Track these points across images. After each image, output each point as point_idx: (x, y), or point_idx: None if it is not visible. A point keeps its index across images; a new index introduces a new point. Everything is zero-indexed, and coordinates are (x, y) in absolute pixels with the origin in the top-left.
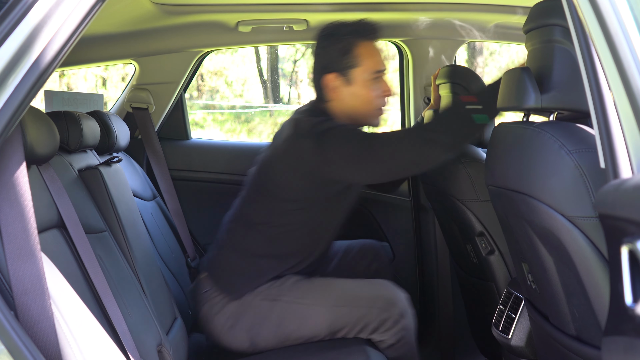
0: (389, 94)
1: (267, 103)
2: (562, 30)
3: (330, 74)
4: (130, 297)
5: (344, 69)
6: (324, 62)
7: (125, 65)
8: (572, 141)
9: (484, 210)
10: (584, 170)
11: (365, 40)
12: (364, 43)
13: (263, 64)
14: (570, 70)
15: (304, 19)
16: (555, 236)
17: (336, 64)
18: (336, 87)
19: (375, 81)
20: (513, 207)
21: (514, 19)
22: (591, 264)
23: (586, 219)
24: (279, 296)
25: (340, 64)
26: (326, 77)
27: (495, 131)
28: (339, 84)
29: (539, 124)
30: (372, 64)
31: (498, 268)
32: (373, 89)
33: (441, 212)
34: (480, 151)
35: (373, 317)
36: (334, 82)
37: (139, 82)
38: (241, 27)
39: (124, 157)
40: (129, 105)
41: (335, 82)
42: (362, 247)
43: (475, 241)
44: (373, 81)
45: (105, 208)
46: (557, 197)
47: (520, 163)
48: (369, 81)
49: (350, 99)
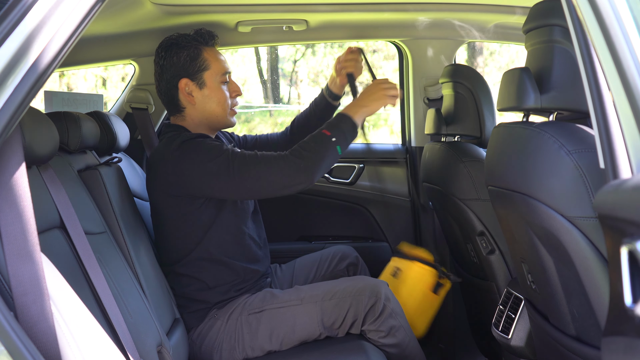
0: (239, 94)
1: (267, 103)
2: (561, 30)
3: (182, 79)
4: (130, 298)
5: (196, 72)
6: (173, 70)
7: (125, 65)
8: (572, 141)
9: (485, 210)
10: (583, 170)
11: (209, 46)
12: (208, 48)
13: (263, 64)
14: (569, 70)
15: (304, 19)
16: (555, 236)
17: (187, 69)
18: (191, 92)
19: (224, 83)
20: (513, 207)
21: (513, 19)
22: (591, 264)
23: (586, 219)
24: (264, 306)
25: (191, 68)
26: (180, 84)
27: (495, 131)
28: (193, 88)
29: (538, 124)
30: (220, 66)
31: (498, 268)
32: (224, 90)
33: (442, 211)
34: (481, 150)
35: (362, 305)
36: (188, 87)
37: (139, 83)
38: (241, 28)
39: (124, 158)
40: (128, 105)
41: (190, 86)
42: (334, 253)
43: (475, 240)
44: (223, 83)
45: (105, 208)
46: (556, 197)
47: (519, 163)
48: (219, 83)
49: (206, 101)
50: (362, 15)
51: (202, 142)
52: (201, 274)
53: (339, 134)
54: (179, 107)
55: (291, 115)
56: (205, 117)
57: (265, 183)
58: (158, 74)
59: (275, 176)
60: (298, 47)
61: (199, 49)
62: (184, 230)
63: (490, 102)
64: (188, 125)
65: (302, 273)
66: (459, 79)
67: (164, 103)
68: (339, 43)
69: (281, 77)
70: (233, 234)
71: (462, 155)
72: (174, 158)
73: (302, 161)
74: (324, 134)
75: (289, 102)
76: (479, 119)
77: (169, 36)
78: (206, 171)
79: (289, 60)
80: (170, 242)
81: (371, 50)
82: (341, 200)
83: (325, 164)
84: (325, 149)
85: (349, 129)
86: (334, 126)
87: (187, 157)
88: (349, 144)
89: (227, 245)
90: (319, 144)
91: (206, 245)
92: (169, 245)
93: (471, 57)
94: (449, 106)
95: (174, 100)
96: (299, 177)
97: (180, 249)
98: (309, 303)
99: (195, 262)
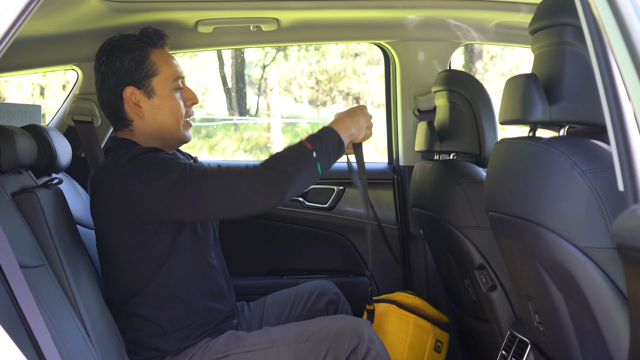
0: (195, 101)
1: (232, 115)
2: (574, 30)
3: (127, 87)
4: (71, 342)
5: (143, 79)
6: (117, 77)
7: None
8: (586, 160)
9: (485, 240)
10: (599, 193)
11: (158, 48)
12: (157, 51)
13: (227, 69)
14: (583, 77)
15: (275, 17)
16: (567, 270)
17: (133, 75)
18: (138, 102)
19: (177, 90)
20: (517, 237)
21: (518, 18)
22: (608, 303)
23: (602, 250)
24: (228, 351)
25: (137, 75)
26: (124, 93)
27: (497, 148)
28: (141, 97)
29: (547, 139)
30: (171, 71)
31: (500, 307)
32: (177, 98)
33: (434, 241)
34: (480, 170)
35: (342, 348)
36: (134, 96)
37: (83, 91)
38: (201, 28)
39: (65, 179)
40: (70, 118)
41: (136, 96)
42: (311, 290)
43: (474, 275)
44: (176, 90)
45: (43, 238)
46: (568, 224)
47: (525, 185)
48: (171, 90)
49: (156, 112)
50: (342, 13)
51: (154, 156)
52: (156, 314)
53: (321, 149)
54: (125, 120)
55: (260, 129)
56: (157, 130)
57: (229, 200)
58: (99, 82)
59: (241, 191)
60: (268, 51)
61: (145, 51)
62: (136, 262)
63: (491, 114)
64: (138, 140)
65: (274, 312)
66: (454, 87)
67: (108, 116)
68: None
69: (248, 85)
70: (195, 266)
71: (459, 175)
72: (122, 176)
73: (273, 173)
74: (304, 147)
75: (257, 114)
76: (478, 133)
77: (111, 38)
78: (160, 189)
79: (257, 65)
80: (120, 276)
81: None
82: (318, 228)
83: (302, 181)
84: (303, 163)
85: (333, 146)
86: (317, 139)
87: (137, 174)
88: (331, 164)
89: (189, 279)
90: (296, 157)
91: (164, 280)
92: (118, 280)
93: (469, 62)
94: (443, 119)
95: (119, 113)
96: (269, 193)
97: (132, 284)
98: (281, 346)
99: (150, 299)
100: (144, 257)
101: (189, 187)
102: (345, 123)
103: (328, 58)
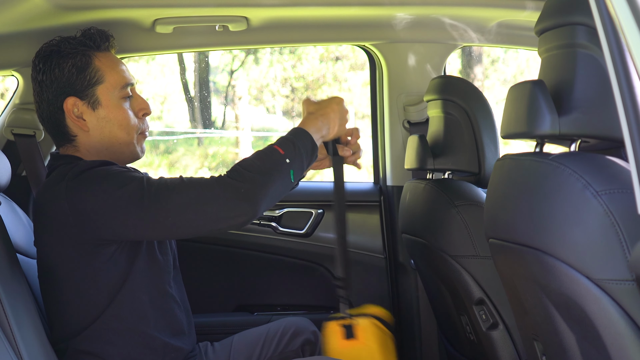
0: (147, 112)
1: (195, 128)
2: (587, 30)
3: (69, 98)
4: None
5: (86, 88)
6: (56, 87)
7: (4, 78)
8: (601, 179)
9: (485, 271)
10: (615, 217)
11: (102, 51)
12: (101, 55)
13: (189, 76)
14: (597, 84)
15: (243, 16)
16: (578, 305)
17: (74, 85)
18: (81, 115)
19: (126, 98)
20: (522, 267)
21: (522, 16)
22: (625, 343)
23: (619, 283)
24: None
25: (79, 83)
26: (65, 104)
27: (499, 165)
28: (84, 109)
29: (556, 155)
30: (118, 77)
31: (502, 347)
32: (127, 108)
33: (427, 272)
34: (479, 191)
35: None
36: (76, 108)
37: (24, 101)
38: (159, 28)
39: (4, 201)
40: (9, 131)
41: (79, 107)
42: (285, 328)
43: (472, 311)
44: (124, 99)
45: None
46: (580, 253)
47: (531, 208)
48: (119, 99)
49: (102, 126)
50: (321, 10)
51: (106, 169)
52: (108, 351)
53: (294, 154)
54: (67, 135)
55: (227, 144)
56: (105, 146)
57: (193, 215)
58: (37, 93)
59: (207, 205)
60: (236, 54)
61: (87, 56)
62: (85, 292)
63: (491, 126)
64: (84, 156)
65: (242, 354)
66: (450, 96)
67: (49, 131)
68: (291, 48)
69: (213, 94)
70: (153, 295)
71: (455, 197)
72: (70, 193)
73: (243, 184)
74: (276, 152)
75: (223, 126)
76: (477, 149)
77: (48, 42)
78: (114, 204)
79: (223, 71)
80: (67, 310)
81: (333, 57)
82: (293, 258)
83: (275, 192)
84: (276, 171)
85: (307, 151)
86: (290, 142)
87: (87, 189)
88: (305, 171)
89: (146, 311)
90: (267, 164)
91: (117, 311)
92: (64, 315)
93: (466, 67)
94: (437, 132)
95: (61, 127)
96: (240, 207)
97: (81, 318)
98: None
99: (101, 334)
100: (95, 287)
101: (147, 202)
102: (317, 123)
103: (305, 62)
